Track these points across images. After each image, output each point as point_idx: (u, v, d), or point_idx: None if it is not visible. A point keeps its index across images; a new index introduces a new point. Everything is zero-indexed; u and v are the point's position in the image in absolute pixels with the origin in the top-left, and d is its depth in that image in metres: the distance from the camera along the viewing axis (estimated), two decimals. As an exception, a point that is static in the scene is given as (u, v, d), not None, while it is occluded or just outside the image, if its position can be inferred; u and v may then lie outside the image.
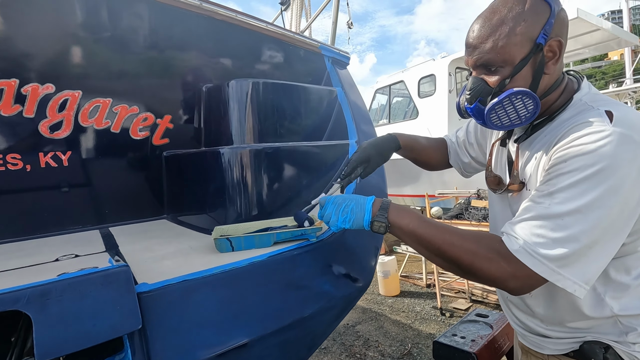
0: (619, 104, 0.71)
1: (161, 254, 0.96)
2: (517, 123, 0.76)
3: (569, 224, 0.63)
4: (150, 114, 1.51)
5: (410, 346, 3.37)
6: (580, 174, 0.63)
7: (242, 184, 1.20)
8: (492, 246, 0.69)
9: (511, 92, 0.73)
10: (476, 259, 0.69)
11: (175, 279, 0.73)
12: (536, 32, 0.72)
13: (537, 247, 0.64)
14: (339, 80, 1.91)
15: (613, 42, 5.34)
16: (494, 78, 0.75)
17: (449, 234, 0.73)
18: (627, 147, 0.62)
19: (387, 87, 7.18)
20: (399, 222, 0.78)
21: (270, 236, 0.96)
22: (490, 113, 0.76)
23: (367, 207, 0.81)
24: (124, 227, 1.46)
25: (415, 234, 0.76)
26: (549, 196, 0.66)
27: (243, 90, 1.53)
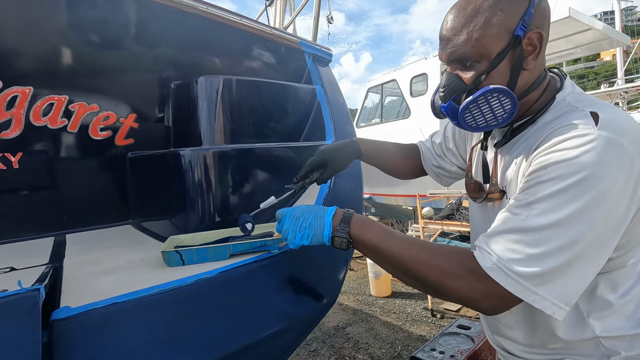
0: (605, 105, 0.64)
1: (106, 268, 0.87)
2: (493, 124, 0.69)
3: (548, 239, 0.56)
4: (112, 113, 1.41)
5: (400, 348, 3.35)
6: (562, 182, 0.56)
7: (204, 188, 1.11)
8: (462, 263, 0.62)
9: (487, 89, 0.66)
10: (445, 277, 0.62)
11: (103, 301, 0.64)
12: (514, 23, 0.65)
13: (512, 264, 0.57)
14: (319, 78, 1.82)
15: (605, 42, 5.31)
16: (469, 74, 0.69)
17: (415, 250, 0.65)
18: (613, 153, 0.55)
19: (379, 85, 7.10)
20: (361, 237, 0.70)
21: (226, 248, 0.87)
22: (465, 112, 0.69)
23: (326, 220, 0.73)
24: (83, 234, 1.36)
25: (379, 250, 0.69)
26: (526, 207, 0.59)
27: (213, 87, 1.44)
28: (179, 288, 0.71)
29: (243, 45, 1.69)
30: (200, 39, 1.55)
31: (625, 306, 0.67)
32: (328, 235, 0.72)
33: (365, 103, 7.58)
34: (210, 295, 0.74)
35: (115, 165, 1.46)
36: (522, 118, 0.73)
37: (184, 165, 1.12)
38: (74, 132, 1.34)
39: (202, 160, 1.13)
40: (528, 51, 0.67)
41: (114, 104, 1.40)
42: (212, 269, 0.79)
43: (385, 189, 6.16)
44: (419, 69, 6.17)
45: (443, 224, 4.07)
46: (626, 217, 0.59)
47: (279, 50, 1.84)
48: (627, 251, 0.66)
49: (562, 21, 4.43)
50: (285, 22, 2.63)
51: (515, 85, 0.67)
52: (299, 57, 1.88)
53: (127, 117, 1.45)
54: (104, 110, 1.39)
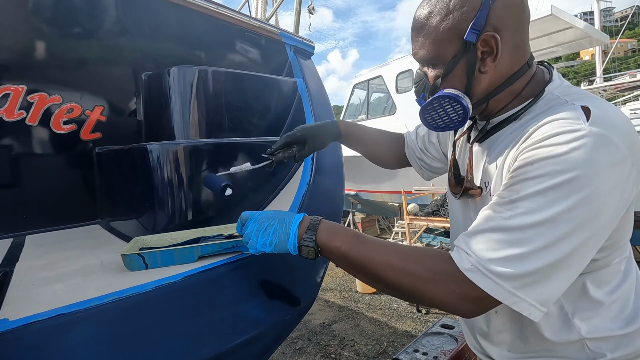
0: (596, 99, 0.60)
1: (59, 273, 0.79)
2: (451, 126, 0.71)
3: (531, 239, 0.52)
4: (77, 105, 1.31)
5: (385, 344, 3.36)
6: (549, 181, 0.52)
7: (173, 185, 1.04)
8: (437, 266, 0.58)
9: (439, 95, 0.68)
10: (419, 283, 0.58)
11: (48, 312, 0.57)
12: (464, 27, 0.63)
13: (492, 265, 0.53)
14: (300, 71, 1.75)
15: (585, 41, 5.40)
16: (432, 74, 0.71)
17: (386, 255, 0.61)
18: (604, 151, 0.52)
19: (365, 82, 7.07)
20: (329, 245, 0.66)
21: (193, 250, 0.81)
22: (424, 113, 0.72)
23: (292, 228, 0.68)
24: (45, 235, 1.27)
25: (348, 258, 0.64)
26: (510, 204, 0.55)
27: (186, 78, 1.36)
28: (137, 295, 0.64)
29: (220, 36, 1.61)
30: (174, 28, 1.46)
31: (611, 306, 0.65)
32: (293, 243, 0.68)
33: (351, 99, 7.54)
34: (173, 303, 0.67)
35: (81, 161, 1.37)
36: (504, 111, 0.70)
37: (151, 160, 1.04)
38: (34, 125, 1.25)
39: (172, 156, 1.05)
40: (485, 53, 0.65)
41: (78, 96, 1.31)
42: (177, 273, 0.72)
43: (371, 185, 6.16)
44: (405, 65, 6.17)
45: (428, 220, 4.08)
46: (613, 218, 0.56)
47: (258, 42, 1.76)
48: (612, 251, 0.64)
49: (545, 19, 4.49)
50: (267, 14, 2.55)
51: (472, 88, 0.67)
52: (279, 49, 1.81)
53: (93, 110, 1.35)
54: (67, 102, 1.29)
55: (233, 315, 0.73)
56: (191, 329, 0.66)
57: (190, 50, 1.55)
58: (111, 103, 1.41)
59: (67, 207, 1.35)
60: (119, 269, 0.80)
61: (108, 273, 0.78)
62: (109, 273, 0.78)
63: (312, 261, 1.02)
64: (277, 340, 0.89)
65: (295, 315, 0.84)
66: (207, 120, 1.37)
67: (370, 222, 7.29)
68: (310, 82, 1.71)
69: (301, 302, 0.86)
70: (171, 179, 1.04)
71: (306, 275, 0.93)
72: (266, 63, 1.79)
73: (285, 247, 0.69)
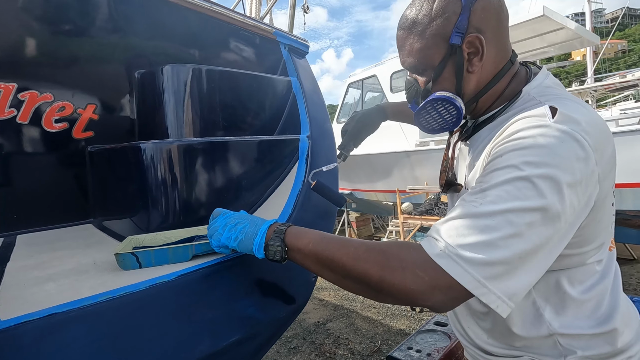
0: (569, 99, 0.63)
1: (51, 273, 0.78)
2: (446, 127, 0.73)
3: (500, 226, 0.52)
4: (69, 103, 1.30)
5: (380, 343, 3.38)
6: (517, 171, 0.54)
7: (167, 184, 1.03)
8: (404, 253, 0.58)
9: (432, 98, 0.70)
10: (386, 272, 0.56)
11: (40, 312, 0.57)
12: (448, 31, 0.66)
13: (461, 250, 0.53)
14: (295, 70, 1.75)
15: (576, 42, 5.47)
16: (422, 79, 0.74)
17: (353, 248, 0.61)
18: (567, 146, 0.55)
19: (360, 81, 7.08)
20: (296, 244, 0.66)
21: (187, 248, 0.80)
22: (419, 117, 0.74)
23: (261, 228, 0.69)
24: (37, 234, 1.25)
25: (315, 255, 0.64)
26: (480, 193, 0.57)
27: (180, 77, 1.35)
28: (131, 295, 0.64)
29: (214, 34, 1.60)
30: (167, 26, 1.46)
31: (585, 304, 0.66)
32: (259, 243, 0.68)
33: (346, 98, 7.54)
34: (167, 302, 0.67)
35: (73, 159, 1.35)
36: (489, 111, 0.73)
37: (145, 159, 1.03)
38: (25, 124, 1.23)
39: (166, 154, 1.05)
40: (471, 54, 0.67)
41: (70, 94, 1.29)
42: (171, 272, 0.72)
43: (366, 184, 6.17)
44: (399, 64, 6.18)
45: (422, 219, 4.10)
46: (579, 213, 0.57)
47: (253, 41, 1.76)
48: (584, 249, 0.65)
49: (537, 19, 4.53)
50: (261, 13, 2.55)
51: (462, 88, 0.69)
52: (274, 48, 1.81)
53: (85, 108, 1.34)
54: (59, 100, 1.28)
55: (227, 314, 0.73)
56: (185, 327, 0.66)
57: (184, 48, 1.54)
58: (104, 101, 1.39)
59: (58, 206, 1.34)
60: (112, 268, 0.80)
61: (101, 272, 0.77)
62: (102, 272, 0.77)
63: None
64: (272, 338, 0.89)
65: (289, 313, 0.84)
66: (201, 119, 1.36)
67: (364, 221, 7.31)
68: (305, 81, 1.71)
69: (296, 300, 0.86)
70: (165, 177, 1.04)
71: (301, 273, 0.93)
72: (260, 62, 1.78)
73: (250, 246, 0.69)
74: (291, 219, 1.09)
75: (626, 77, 7.55)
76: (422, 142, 5.17)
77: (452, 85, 0.69)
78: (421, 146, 5.11)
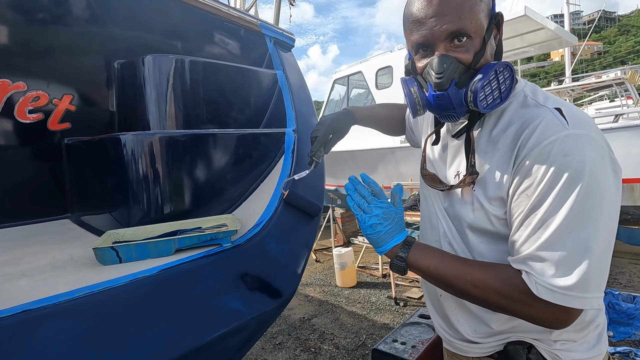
0: (557, 99, 0.66)
1: (24, 269, 0.75)
2: (497, 102, 0.66)
3: (573, 247, 0.57)
4: (43, 93, 1.24)
5: (364, 337, 3.40)
6: (566, 189, 0.57)
7: (149, 178, 1.00)
8: (516, 286, 0.62)
9: (496, 65, 0.64)
10: (505, 301, 0.63)
11: (12, 308, 0.54)
12: (491, 1, 0.66)
13: (555, 281, 0.58)
14: (280, 63, 1.73)
15: (555, 42, 5.62)
16: (467, 53, 0.64)
17: (471, 275, 0.66)
18: (593, 149, 0.58)
19: (345, 77, 7.07)
20: (417, 264, 0.71)
21: (170, 243, 0.78)
22: (480, 93, 0.64)
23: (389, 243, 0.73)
24: (11, 230, 1.20)
25: (436, 277, 0.70)
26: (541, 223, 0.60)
27: (162, 68, 1.31)
28: (111, 290, 0.62)
29: (198, 25, 1.56)
30: (148, 16, 1.41)
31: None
32: (383, 251, 0.73)
33: (331, 95, 7.53)
34: (149, 297, 0.65)
35: (49, 152, 1.30)
36: None
37: (125, 152, 1.00)
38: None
39: (148, 147, 1.02)
40: (495, 32, 0.68)
41: (44, 83, 1.24)
42: (153, 267, 0.70)
43: (351, 180, 6.18)
44: (385, 61, 6.21)
45: (406, 215, 4.15)
46: (619, 204, 0.61)
47: (237, 33, 1.73)
48: None
49: (518, 19, 4.63)
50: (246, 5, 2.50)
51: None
52: (259, 40, 1.78)
53: (61, 99, 1.29)
54: (33, 89, 1.22)
55: (212, 308, 0.72)
56: (168, 323, 0.65)
57: (166, 39, 1.49)
58: (81, 92, 1.34)
59: (33, 201, 1.29)
60: (91, 263, 0.77)
61: (79, 268, 0.74)
62: (79, 268, 0.74)
63: (291, 254, 1.02)
64: (257, 333, 0.88)
65: (276, 307, 0.83)
66: (184, 111, 1.33)
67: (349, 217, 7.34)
68: (291, 75, 1.69)
69: (282, 294, 0.86)
70: (146, 171, 1.01)
71: (287, 268, 0.92)
72: (245, 55, 1.76)
73: (377, 247, 0.74)
74: (277, 214, 1.08)
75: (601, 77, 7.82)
76: (407, 138, 5.22)
77: (493, 59, 0.67)
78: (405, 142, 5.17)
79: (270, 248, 0.90)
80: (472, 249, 0.73)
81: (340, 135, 1.02)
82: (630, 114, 4.63)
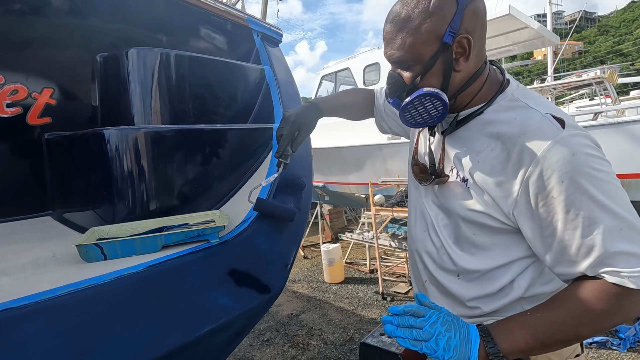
0: (548, 103, 0.70)
1: (5, 267, 0.73)
2: (430, 122, 0.74)
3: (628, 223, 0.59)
4: (22, 86, 1.20)
5: (352, 332, 3.43)
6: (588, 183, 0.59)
7: (134, 174, 0.99)
8: (613, 294, 0.60)
9: (420, 93, 0.71)
10: (616, 317, 0.61)
11: (-7, 308, 0.52)
12: (443, 29, 0.68)
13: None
14: (268, 58, 1.72)
15: (538, 41, 5.73)
16: (408, 75, 0.74)
17: (568, 319, 0.61)
18: (592, 141, 0.62)
19: (333, 73, 7.07)
20: (516, 349, 0.62)
21: (156, 239, 0.77)
22: (404, 112, 0.74)
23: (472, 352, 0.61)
24: (-11, 227, 1.16)
25: (541, 346, 0.63)
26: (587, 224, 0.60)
27: (147, 61, 1.29)
28: (95, 287, 0.60)
29: (183, 19, 1.53)
30: (132, 7, 1.38)
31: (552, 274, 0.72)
32: None
33: (319, 91, 7.52)
34: (135, 294, 0.64)
35: (28, 147, 1.26)
36: (467, 108, 0.76)
37: (109, 147, 0.98)
38: (-29, 108, 1.13)
39: (132, 142, 1.00)
40: (458, 53, 0.70)
41: (23, 76, 1.20)
42: (139, 263, 0.69)
43: (339, 177, 6.21)
44: (372, 58, 6.23)
45: (394, 211, 4.19)
46: None
47: (224, 27, 1.70)
48: None
49: (502, 18, 4.70)
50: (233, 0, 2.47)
51: (448, 85, 0.72)
52: (246, 35, 1.76)
53: (41, 92, 1.25)
54: (11, 82, 1.18)
55: (199, 305, 0.71)
56: (155, 319, 0.64)
57: (151, 33, 1.46)
58: (62, 85, 1.30)
59: (13, 197, 1.25)
60: (75, 261, 0.75)
61: (62, 265, 0.73)
62: (62, 265, 0.73)
63: (280, 250, 1.02)
64: (245, 329, 0.88)
65: (264, 302, 0.83)
66: (169, 106, 1.31)
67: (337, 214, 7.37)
68: (278, 70, 1.68)
69: (270, 290, 0.85)
70: (131, 166, 0.99)
71: (275, 264, 0.92)
72: (232, 49, 1.73)
73: None
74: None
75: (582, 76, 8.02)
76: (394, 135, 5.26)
77: (438, 82, 0.72)
78: (393, 139, 5.20)
79: (258, 244, 0.89)
80: (464, 240, 0.75)
81: (307, 131, 0.98)
82: (608, 112, 4.79)
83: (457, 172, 0.75)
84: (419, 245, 0.86)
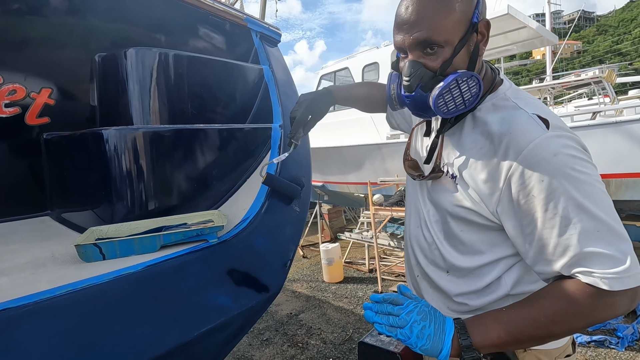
0: (537, 102, 0.70)
1: (3, 267, 0.73)
2: (461, 108, 0.69)
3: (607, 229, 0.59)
4: (20, 86, 1.20)
5: (351, 332, 3.43)
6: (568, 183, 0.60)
7: (132, 173, 0.99)
8: (588, 294, 0.60)
9: (458, 74, 0.66)
10: (590, 319, 0.61)
11: (-8, 308, 0.53)
12: (471, 10, 0.66)
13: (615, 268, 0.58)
14: (267, 58, 1.72)
15: (537, 40, 5.74)
16: (435, 61, 0.68)
17: (541, 316, 0.62)
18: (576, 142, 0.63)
19: (332, 73, 7.07)
20: (486, 341, 0.63)
21: (154, 239, 0.77)
22: (438, 99, 0.68)
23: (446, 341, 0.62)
24: (-13, 227, 1.16)
25: (513, 342, 0.63)
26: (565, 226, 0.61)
27: (145, 61, 1.29)
28: (94, 287, 0.61)
29: (182, 19, 1.53)
30: (131, 7, 1.38)
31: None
32: (445, 356, 0.62)
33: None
34: (134, 293, 0.64)
35: (27, 147, 1.26)
36: None
37: (107, 147, 0.98)
38: (-31, 108, 1.13)
39: (131, 142, 1.00)
40: (479, 39, 0.69)
41: (21, 76, 1.20)
42: (137, 263, 0.69)
43: (338, 177, 6.22)
44: (371, 58, 6.23)
45: (392, 210, 4.20)
46: None
47: (223, 27, 1.70)
48: None
49: (501, 18, 4.71)
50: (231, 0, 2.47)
51: (474, 71, 0.69)
52: (245, 35, 1.76)
53: (40, 92, 1.25)
54: (9, 82, 1.18)
55: (198, 304, 0.71)
56: (154, 319, 0.64)
57: (149, 33, 1.46)
58: (60, 85, 1.30)
59: (11, 197, 1.25)
60: (73, 260, 0.75)
61: (60, 265, 0.73)
62: (61, 265, 0.73)
63: (278, 249, 1.02)
64: (244, 328, 0.88)
65: (263, 302, 0.83)
66: (168, 106, 1.31)
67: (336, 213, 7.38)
68: (277, 70, 1.68)
69: (269, 289, 0.86)
70: (130, 166, 0.99)
71: (274, 263, 0.93)
72: (231, 50, 1.74)
73: (438, 354, 0.62)
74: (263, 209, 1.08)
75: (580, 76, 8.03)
76: (393, 134, 5.26)
77: (465, 67, 0.69)
78: (392, 139, 5.21)
79: (257, 243, 0.90)
80: (452, 236, 0.75)
81: (319, 116, 0.99)
82: (607, 111, 4.80)
83: (448, 169, 0.75)
84: (412, 240, 0.87)
